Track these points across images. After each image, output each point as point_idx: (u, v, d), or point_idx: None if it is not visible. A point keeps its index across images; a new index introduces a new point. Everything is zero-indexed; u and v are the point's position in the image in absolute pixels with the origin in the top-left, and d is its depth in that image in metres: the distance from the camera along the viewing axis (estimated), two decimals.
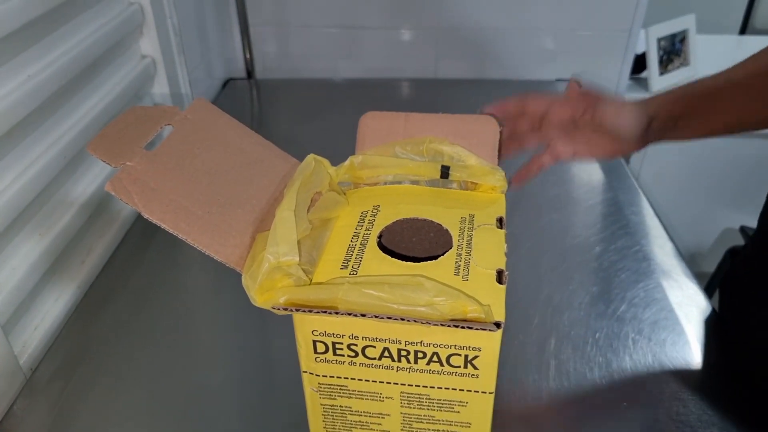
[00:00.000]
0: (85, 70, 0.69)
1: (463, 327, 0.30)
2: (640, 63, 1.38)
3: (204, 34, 1.04)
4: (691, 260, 0.67)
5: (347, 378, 0.35)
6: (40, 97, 0.60)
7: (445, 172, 0.41)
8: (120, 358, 0.59)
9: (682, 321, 0.61)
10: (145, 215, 0.32)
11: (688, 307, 0.63)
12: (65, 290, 0.66)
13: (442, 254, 0.36)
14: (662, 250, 0.72)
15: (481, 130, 0.42)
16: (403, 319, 0.30)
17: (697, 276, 0.68)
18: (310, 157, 0.39)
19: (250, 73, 1.20)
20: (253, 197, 0.37)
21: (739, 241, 1.37)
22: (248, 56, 1.18)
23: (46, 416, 0.53)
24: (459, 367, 0.33)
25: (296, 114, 1.09)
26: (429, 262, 0.35)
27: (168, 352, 0.60)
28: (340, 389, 0.36)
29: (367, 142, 0.42)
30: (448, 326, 0.30)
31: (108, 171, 0.74)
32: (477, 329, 0.30)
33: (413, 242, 0.40)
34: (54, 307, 0.64)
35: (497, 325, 0.31)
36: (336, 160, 0.43)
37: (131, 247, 0.74)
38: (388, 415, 0.37)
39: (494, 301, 0.32)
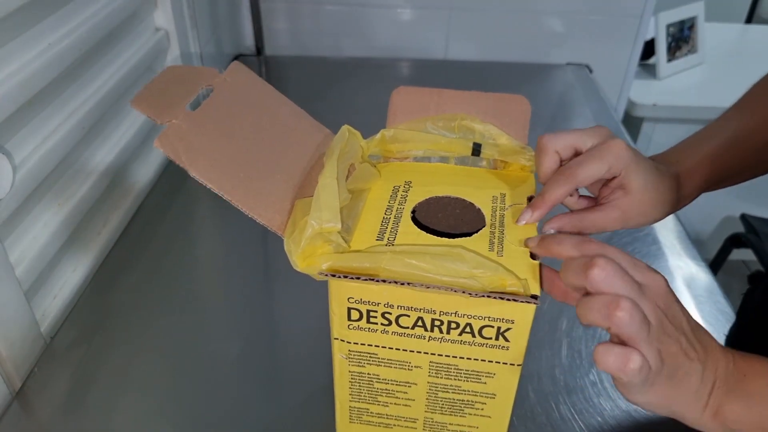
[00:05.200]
0: (101, 41, 0.68)
1: (506, 299, 0.31)
2: (648, 49, 1.39)
3: (215, 9, 1.04)
4: None
5: (378, 346, 0.36)
6: (61, 65, 0.60)
7: (476, 149, 0.41)
8: (136, 327, 0.60)
9: (690, 303, 0.63)
10: (192, 174, 0.32)
11: (697, 289, 0.65)
12: (82, 261, 0.67)
13: (476, 231, 0.36)
14: (671, 233, 0.73)
15: (512, 109, 0.42)
16: (449, 289, 0.31)
17: None
18: (345, 128, 0.40)
19: (259, 50, 1.19)
20: (290, 164, 0.38)
21: (740, 228, 1.39)
22: (258, 33, 1.17)
23: (65, 381, 0.54)
24: (490, 339, 0.34)
25: (306, 91, 1.09)
26: (464, 238, 0.36)
27: (184, 322, 0.61)
28: (370, 357, 0.37)
29: (398, 116, 0.42)
30: (494, 297, 0.31)
31: (126, 141, 0.74)
32: (519, 301, 0.31)
33: (442, 213, 0.41)
34: (72, 277, 0.65)
35: (534, 297, 0.32)
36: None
37: (146, 219, 0.75)
38: (415, 384, 0.38)
39: (529, 276, 0.33)
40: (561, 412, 0.52)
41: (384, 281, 0.32)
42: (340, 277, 0.32)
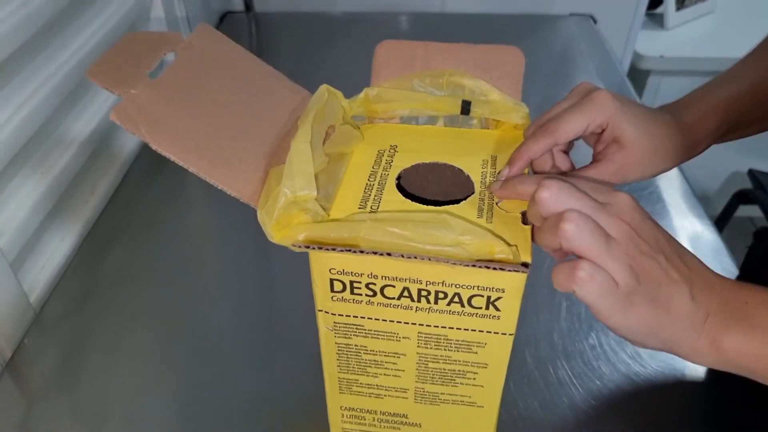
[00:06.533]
0: None
1: (494, 268, 0.29)
2: None
3: None
4: None
5: (364, 317, 0.35)
6: (34, 26, 0.57)
7: (465, 107, 0.39)
8: (126, 296, 0.59)
9: None
10: (153, 147, 0.30)
11: (702, 248, 0.63)
12: (70, 230, 0.65)
13: (464, 198, 0.34)
14: (677, 192, 0.71)
15: (505, 61, 0.39)
16: (429, 259, 0.29)
17: None
18: (323, 87, 0.37)
19: (248, 6, 1.15)
20: (263, 130, 0.35)
21: (747, 184, 1.36)
22: None
23: (56, 351, 0.54)
24: (480, 308, 0.32)
25: (297, 49, 1.05)
26: (451, 205, 0.34)
27: (174, 290, 0.60)
28: (356, 328, 0.35)
29: (383, 73, 0.40)
30: (478, 267, 0.29)
31: (108, 107, 0.72)
32: (508, 270, 0.29)
33: (429, 180, 0.39)
34: (60, 246, 0.64)
35: (525, 265, 0.30)
36: (346, 95, 0.41)
37: (134, 185, 0.73)
38: (404, 354, 0.36)
39: (521, 242, 0.31)
40: (559, 376, 0.50)
41: (362, 252, 0.30)
42: (315, 248, 0.30)
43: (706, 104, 0.44)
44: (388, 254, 0.29)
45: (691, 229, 0.65)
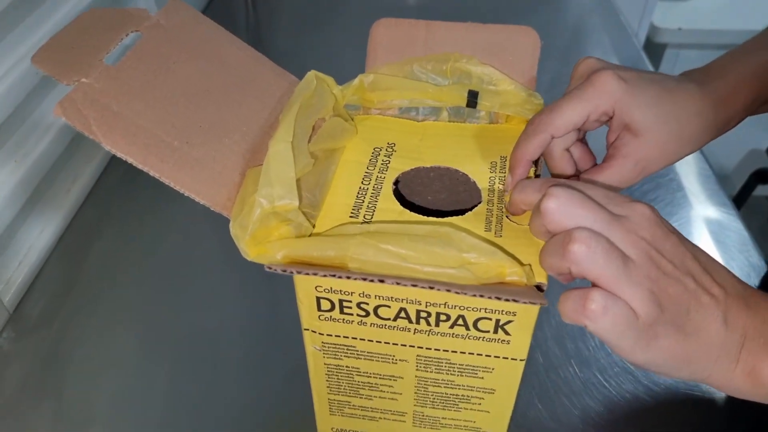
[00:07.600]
0: None
1: (506, 299, 0.25)
2: None
3: None
4: None
5: (356, 338, 0.31)
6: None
7: (472, 99, 0.34)
8: (111, 293, 0.56)
9: (718, 256, 0.56)
10: (107, 147, 0.26)
11: (728, 241, 0.58)
12: (50, 222, 0.61)
13: (470, 208, 0.30)
14: (698, 178, 0.66)
15: (518, 44, 0.34)
16: (430, 288, 0.25)
17: None
18: (311, 74, 0.33)
19: None
20: (242, 124, 0.31)
21: (765, 162, 1.30)
22: None
23: (33, 354, 0.50)
24: (488, 332, 0.28)
25: (298, 26, 0.99)
26: (455, 217, 0.29)
27: (162, 287, 0.56)
28: (347, 349, 0.32)
29: (379, 56, 0.35)
30: (487, 297, 0.25)
31: None
32: (523, 302, 0.25)
33: (429, 187, 0.34)
34: (39, 240, 0.60)
35: (539, 288, 0.26)
36: (344, 79, 0.36)
37: (120, 173, 0.69)
38: (401, 377, 0.33)
39: (534, 259, 0.27)
40: (571, 384, 0.47)
41: (348, 278, 0.25)
42: (294, 272, 0.26)
43: (741, 72, 0.38)
44: (381, 280, 0.25)
45: (714, 219, 0.61)
